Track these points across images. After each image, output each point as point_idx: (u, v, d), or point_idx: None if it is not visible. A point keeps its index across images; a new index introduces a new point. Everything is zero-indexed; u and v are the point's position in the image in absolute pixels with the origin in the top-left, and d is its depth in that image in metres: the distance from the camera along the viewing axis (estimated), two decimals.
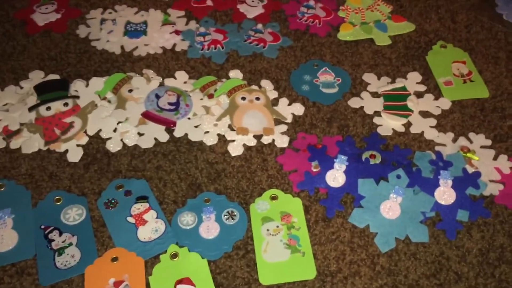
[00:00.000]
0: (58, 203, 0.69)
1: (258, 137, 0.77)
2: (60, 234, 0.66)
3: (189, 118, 0.78)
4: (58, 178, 0.72)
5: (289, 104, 0.81)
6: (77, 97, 0.79)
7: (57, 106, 0.77)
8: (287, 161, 0.75)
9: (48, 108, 0.77)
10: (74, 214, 0.68)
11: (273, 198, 0.71)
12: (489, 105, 0.82)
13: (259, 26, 0.93)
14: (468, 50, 0.90)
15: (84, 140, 0.76)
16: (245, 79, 0.85)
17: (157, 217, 0.68)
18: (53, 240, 0.66)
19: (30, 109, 0.76)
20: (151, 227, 0.67)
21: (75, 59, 0.88)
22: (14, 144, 0.75)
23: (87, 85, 0.81)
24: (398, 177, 0.70)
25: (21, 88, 0.81)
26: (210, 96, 0.81)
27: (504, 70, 0.87)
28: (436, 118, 0.80)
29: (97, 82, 0.81)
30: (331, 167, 0.72)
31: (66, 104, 0.78)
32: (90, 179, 0.72)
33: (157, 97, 0.79)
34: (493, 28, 0.94)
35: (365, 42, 0.92)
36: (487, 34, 0.93)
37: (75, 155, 0.74)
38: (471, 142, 0.77)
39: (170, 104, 0.79)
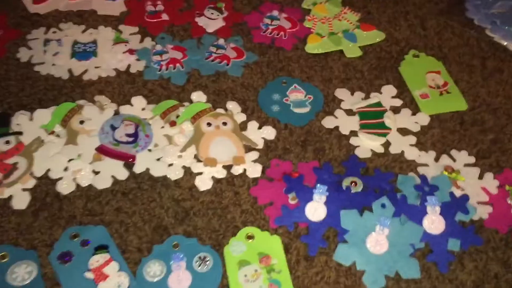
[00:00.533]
0: (3, 261, 0.60)
1: (227, 167, 0.70)
2: None
3: (149, 150, 0.70)
4: (2, 230, 0.63)
5: (259, 128, 0.75)
6: (20, 133, 0.70)
7: None
8: (261, 193, 0.68)
9: None
10: (23, 273, 0.59)
11: (249, 237, 0.64)
12: (468, 117, 0.78)
13: (221, 41, 0.86)
14: (442, 58, 0.86)
15: (31, 183, 0.67)
16: (209, 101, 0.78)
17: (119, 270, 0.60)
18: None
19: None
20: (114, 283, 0.59)
21: (16, 87, 0.78)
22: None
23: (31, 118, 0.72)
24: (383, 206, 0.65)
25: None
26: (172, 124, 0.73)
27: (479, 79, 0.84)
28: (415, 135, 0.76)
29: (43, 114, 0.72)
30: (310, 199, 0.66)
31: (7, 142, 0.68)
32: (40, 229, 0.64)
33: (113, 128, 0.71)
34: (465, 34, 0.91)
35: (335, 54, 0.86)
36: (459, 41, 0.90)
37: (21, 201, 0.65)
38: (454, 160, 0.72)
39: (127, 135, 0.70)
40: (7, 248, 0.61)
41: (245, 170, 0.70)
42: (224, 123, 0.74)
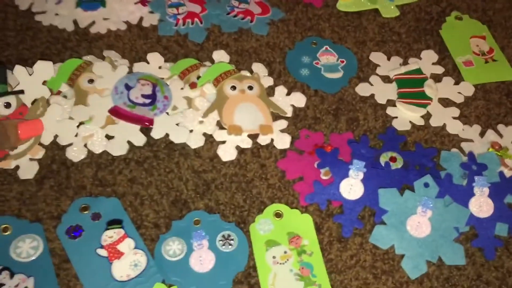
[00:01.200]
0: (6, 233, 0.54)
1: (253, 136, 0.64)
2: (12, 276, 0.52)
3: (168, 114, 0.63)
4: (3, 199, 0.57)
5: (288, 94, 0.68)
6: (21, 91, 0.62)
7: None
8: (290, 166, 0.62)
9: None
10: (27, 248, 0.53)
11: (278, 215, 0.58)
12: None
13: None
14: (486, 22, 0.78)
15: (40, 154, 0.60)
16: (231, 62, 0.70)
17: (135, 247, 0.54)
18: (3, 285, 0.51)
19: None
20: (129, 261, 0.53)
21: (15, 39, 0.70)
22: None
23: (31, 73, 0.64)
24: (426, 185, 0.58)
25: None
26: (193, 85, 0.66)
27: None
28: (459, 107, 0.69)
29: (45, 68, 0.64)
30: (346, 175, 0.59)
31: (7, 106, 0.60)
32: (46, 199, 0.57)
33: (127, 88, 0.63)
34: None
35: (369, 14, 0.78)
36: (506, 3, 0.81)
37: (28, 171, 0.59)
38: (501, 136, 0.66)
39: (144, 96, 0.63)
40: (9, 220, 0.55)
41: (272, 140, 0.64)
42: (250, 87, 0.66)
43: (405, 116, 0.67)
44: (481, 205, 0.58)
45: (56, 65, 0.65)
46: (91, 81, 0.63)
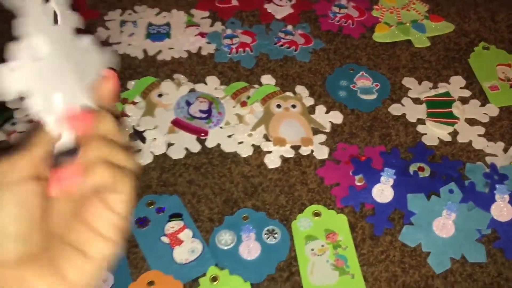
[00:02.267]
0: None
1: (295, 148, 0.73)
2: None
3: (221, 127, 0.73)
4: None
5: (327, 112, 0.77)
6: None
7: None
8: (328, 174, 0.70)
9: None
10: None
11: (316, 214, 0.66)
12: None
13: (289, 27, 0.88)
14: None
15: None
16: (277, 85, 0.80)
17: (193, 236, 0.64)
18: None
19: None
20: (188, 248, 0.63)
21: None
22: None
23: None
24: (451, 191, 0.65)
25: None
26: (243, 104, 0.76)
27: None
28: (484, 126, 0.75)
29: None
30: (377, 181, 0.67)
31: None
32: None
33: (188, 104, 0.74)
34: None
35: (402, 44, 0.87)
36: None
37: None
38: None
39: (201, 111, 0.74)
40: None
41: (312, 151, 0.72)
42: (293, 106, 0.76)
43: (433, 133, 0.74)
44: (501, 210, 0.64)
45: (132, 81, 0.77)
46: (160, 95, 0.75)
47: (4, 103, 0.74)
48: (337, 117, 0.76)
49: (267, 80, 0.80)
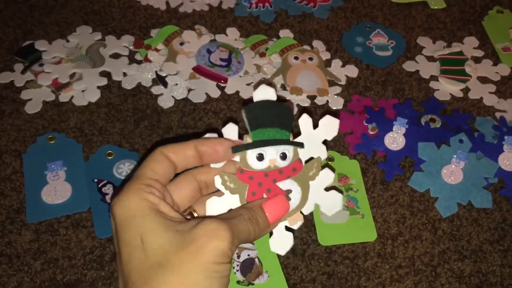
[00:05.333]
0: (110, 158, 0.68)
1: (311, 97, 0.75)
2: (114, 188, 0.65)
3: (240, 76, 0.76)
4: (108, 133, 0.71)
5: (343, 66, 0.79)
6: (301, 144, 0.50)
7: None
8: (342, 122, 0.72)
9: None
10: (127, 169, 0.67)
11: (329, 159, 0.69)
12: None
13: None
14: None
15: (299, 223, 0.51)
16: (295, 39, 0.82)
17: None
18: (107, 194, 0.64)
19: None
20: None
21: (119, 14, 0.85)
22: (63, 97, 0.73)
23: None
24: (461, 141, 0.68)
25: (68, 41, 0.79)
26: (262, 55, 0.78)
27: None
28: (495, 84, 0.78)
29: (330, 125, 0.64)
30: (390, 130, 0.70)
31: (283, 157, 0.45)
32: (141, 135, 0.71)
33: (209, 52, 0.77)
34: None
35: (418, 5, 0.89)
36: None
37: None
38: None
39: (221, 60, 0.76)
40: (113, 147, 0.69)
41: (327, 101, 0.75)
42: (310, 58, 0.78)
43: (446, 89, 0.77)
44: (509, 160, 0.67)
45: (155, 30, 0.80)
46: (181, 44, 0.77)
47: (32, 44, 0.77)
48: (352, 71, 0.78)
49: (285, 35, 0.82)
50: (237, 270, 0.58)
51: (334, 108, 0.74)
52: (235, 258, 0.59)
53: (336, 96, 0.75)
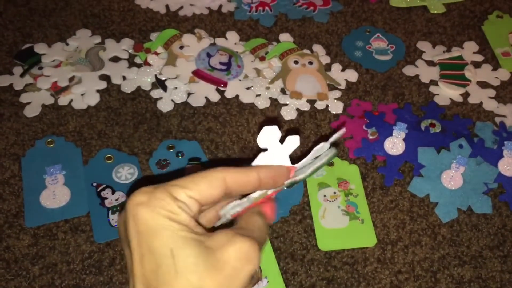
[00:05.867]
0: (109, 162, 0.67)
1: (311, 102, 0.75)
2: (113, 193, 0.65)
3: (240, 80, 0.76)
4: (107, 137, 0.70)
5: (342, 70, 0.79)
6: None
7: None
8: (341, 127, 0.72)
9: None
10: (126, 173, 0.66)
11: (329, 164, 0.69)
12: None
13: None
14: None
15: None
16: (295, 43, 0.82)
17: None
18: (106, 198, 0.64)
19: None
20: None
21: (118, 17, 0.85)
22: (63, 100, 0.72)
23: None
24: (460, 146, 0.67)
25: (67, 45, 0.78)
26: (262, 59, 0.78)
27: None
28: (495, 89, 0.78)
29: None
30: (390, 135, 0.69)
31: None
32: (140, 139, 0.70)
33: (208, 56, 0.77)
34: None
35: (418, 10, 0.89)
36: None
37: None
38: None
39: (221, 63, 0.76)
40: (112, 151, 0.69)
41: (327, 106, 0.75)
42: (310, 62, 0.78)
43: (445, 93, 0.77)
44: (509, 165, 0.67)
45: (155, 33, 0.80)
46: (181, 47, 0.77)
47: (31, 47, 0.77)
48: (352, 75, 0.78)
49: (285, 38, 0.82)
50: None
51: (334, 112, 0.74)
52: None
53: (335, 101, 0.75)
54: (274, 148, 0.40)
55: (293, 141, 0.40)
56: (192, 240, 0.34)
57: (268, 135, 0.40)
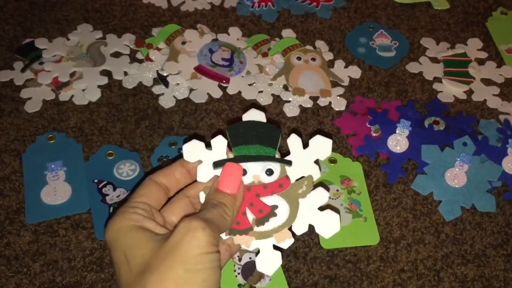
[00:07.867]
0: (111, 158, 0.67)
1: (314, 98, 0.74)
2: (114, 189, 0.64)
3: (242, 76, 0.75)
4: (108, 133, 0.70)
5: (345, 67, 0.78)
6: (289, 162, 0.47)
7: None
8: (345, 124, 0.72)
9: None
10: (127, 169, 0.66)
11: (332, 161, 0.68)
12: None
13: None
14: None
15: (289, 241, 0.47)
16: (297, 39, 0.81)
17: None
18: (107, 195, 0.64)
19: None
20: None
21: (120, 12, 0.84)
22: (64, 96, 0.72)
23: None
24: (464, 144, 0.67)
25: (68, 40, 0.78)
26: (264, 55, 0.77)
27: None
28: (499, 86, 0.77)
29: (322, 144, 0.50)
30: (393, 132, 0.69)
31: (270, 173, 0.46)
32: (142, 135, 0.70)
33: (211, 51, 0.76)
34: None
35: (422, 6, 0.88)
36: None
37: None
38: None
39: (224, 59, 0.75)
40: (113, 147, 0.68)
41: (330, 102, 0.74)
42: (313, 59, 0.77)
43: (449, 91, 0.76)
44: None
45: (157, 29, 0.79)
46: (183, 43, 0.77)
47: (32, 42, 0.76)
48: (355, 72, 0.78)
49: (288, 34, 0.82)
50: (239, 273, 0.58)
51: (337, 109, 0.74)
52: (236, 261, 0.59)
53: (338, 97, 0.75)
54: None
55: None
56: (143, 238, 0.38)
57: (194, 148, 0.45)
